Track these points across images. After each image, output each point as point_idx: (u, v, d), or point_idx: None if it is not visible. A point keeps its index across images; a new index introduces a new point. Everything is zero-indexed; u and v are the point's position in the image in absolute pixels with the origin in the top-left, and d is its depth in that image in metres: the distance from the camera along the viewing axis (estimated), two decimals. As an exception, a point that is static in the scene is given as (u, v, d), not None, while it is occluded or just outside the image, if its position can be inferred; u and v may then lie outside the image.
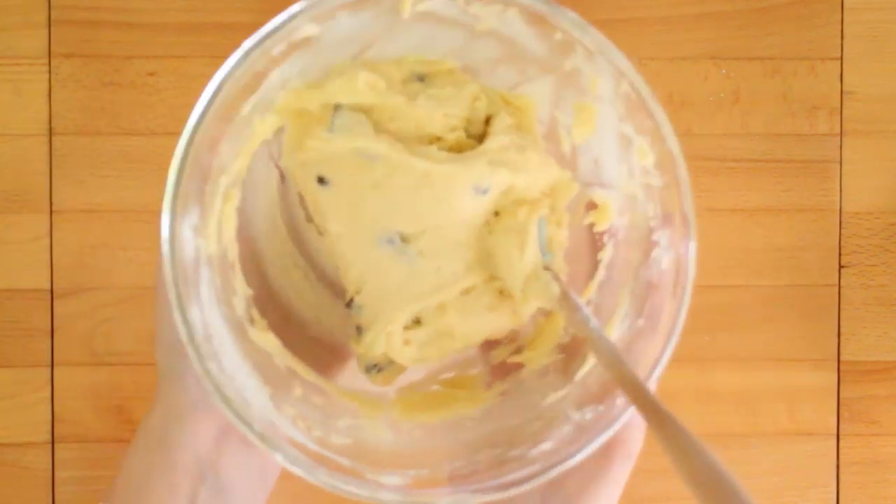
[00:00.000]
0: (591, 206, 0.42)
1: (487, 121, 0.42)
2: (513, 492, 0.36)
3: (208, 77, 0.36)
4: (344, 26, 0.37)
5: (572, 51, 0.38)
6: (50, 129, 0.59)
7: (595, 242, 0.43)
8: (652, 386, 0.37)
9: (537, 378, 0.43)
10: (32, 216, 0.58)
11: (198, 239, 0.37)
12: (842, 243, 0.61)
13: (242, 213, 0.41)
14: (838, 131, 0.61)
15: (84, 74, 0.58)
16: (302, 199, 0.44)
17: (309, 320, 0.46)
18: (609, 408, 0.37)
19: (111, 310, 0.59)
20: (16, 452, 0.59)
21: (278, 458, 0.35)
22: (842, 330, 0.61)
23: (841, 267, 0.61)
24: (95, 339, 0.59)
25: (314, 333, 0.46)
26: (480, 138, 0.42)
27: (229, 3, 0.59)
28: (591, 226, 0.42)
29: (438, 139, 0.41)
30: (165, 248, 0.35)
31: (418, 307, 0.41)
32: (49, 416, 0.59)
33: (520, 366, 0.44)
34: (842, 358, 0.61)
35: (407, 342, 0.42)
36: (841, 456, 0.61)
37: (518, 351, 0.44)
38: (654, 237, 0.39)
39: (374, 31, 0.39)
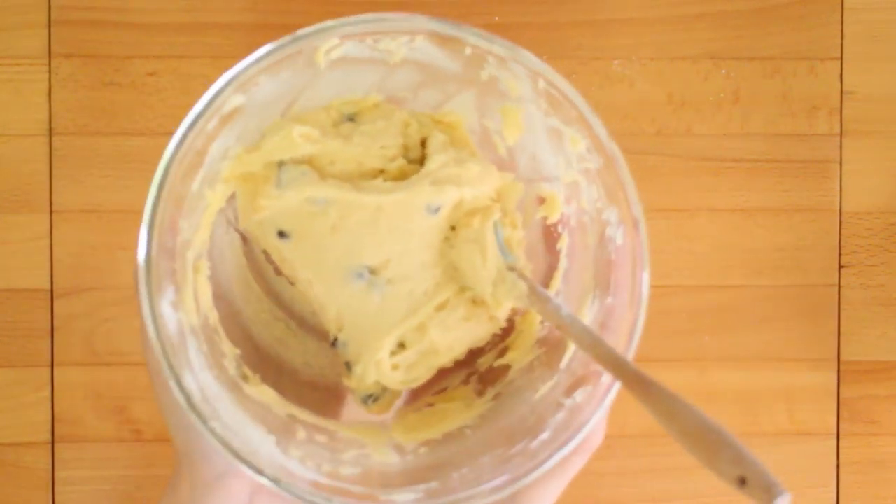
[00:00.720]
0: (540, 200, 0.44)
1: (423, 143, 0.44)
2: (519, 485, 0.37)
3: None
4: (267, 89, 0.39)
5: (485, 62, 0.40)
6: (50, 129, 0.59)
7: (552, 235, 0.44)
8: (630, 356, 0.38)
9: (525, 375, 0.44)
10: (32, 216, 0.59)
11: (178, 313, 0.38)
12: (842, 243, 0.61)
13: (214, 280, 0.42)
14: (838, 131, 0.61)
15: (84, 74, 0.58)
16: (267, 256, 0.45)
17: (299, 367, 0.48)
18: (596, 387, 0.39)
19: (111, 310, 0.59)
20: (16, 452, 0.59)
21: (294, 496, 0.37)
22: (842, 330, 0.61)
23: (841, 267, 0.61)
24: (95, 339, 0.59)
25: (307, 378, 0.47)
26: (421, 161, 0.43)
27: (229, 3, 0.59)
28: (544, 219, 0.44)
29: (382, 171, 0.43)
30: (149, 327, 0.36)
31: (399, 332, 0.43)
32: (49, 416, 0.59)
33: (507, 368, 0.45)
34: (842, 358, 0.61)
35: (395, 367, 0.43)
36: (841, 456, 0.62)
37: (502, 354, 0.46)
38: (604, 217, 0.40)
39: (297, 85, 0.41)
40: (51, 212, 0.59)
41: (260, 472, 0.36)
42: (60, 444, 0.59)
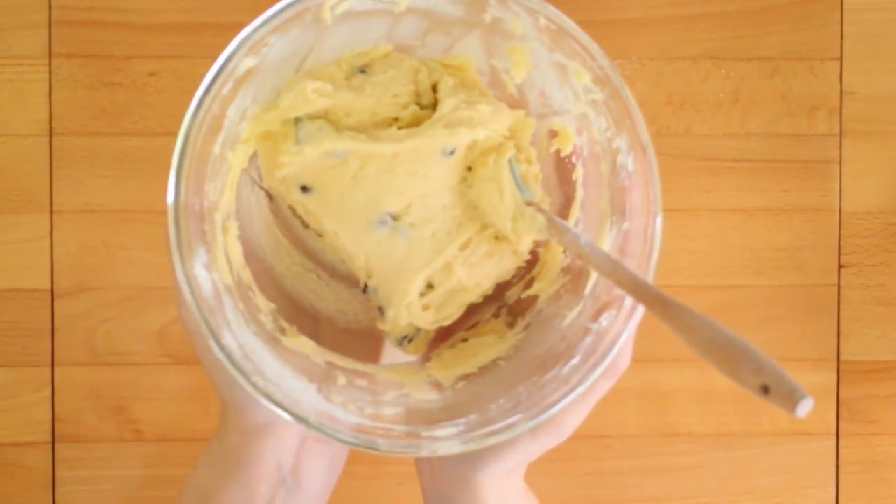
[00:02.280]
0: (553, 134, 0.45)
1: (434, 88, 0.45)
2: (555, 410, 0.39)
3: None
4: (278, 49, 0.40)
5: (486, 4, 0.41)
6: (50, 129, 0.58)
7: (566, 167, 0.45)
8: (649, 278, 0.39)
9: (552, 304, 0.45)
10: (32, 216, 0.58)
11: (212, 274, 0.39)
12: (841, 243, 0.61)
13: (244, 238, 0.43)
14: (838, 131, 0.61)
15: (84, 74, 0.58)
16: (293, 210, 0.46)
17: (335, 315, 0.49)
18: (620, 310, 0.40)
19: (111, 309, 0.59)
20: (16, 452, 0.59)
21: (339, 441, 0.38)
22: (841, 330, 0.61)
23: (840, 267, 0.61)
24: (96, 338, 0.59)
25: (343, 326, 0.49)
26: (433, 106, 0.44)
27: (229, 3, 0.59)
28: (558, 152, 0.45)
29: (396, 119, 0.44)
30: (185, 291, 0.37)
31: (426, 273, 0.44)
32: (49, 416, 0.59)
33: (535, 298, 0.46)
34: (841, 358, 0.62)
35: (426, 307, 0.45)
36: (841, 455, 0.62)
37: (529, 285, 0.47)
38: (615, 145, 0.42)
39: (306, 42, 0.42)
40: (51, 212, 0.58)
41: (304, 420, 0.38)
42: (61, 443, 0.59)
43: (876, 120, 0.61)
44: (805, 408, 0.30)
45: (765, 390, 0.31)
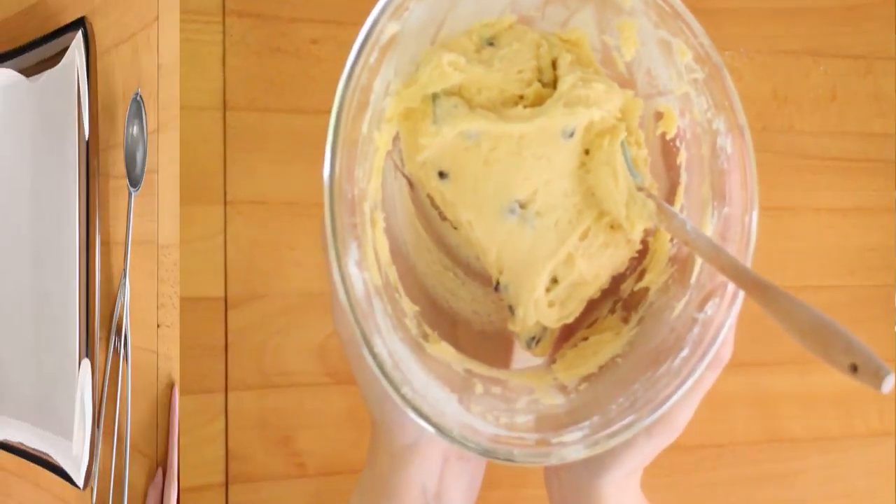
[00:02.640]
0: (658, 116, 0.45)
1: (553, 64, 0.44)
2: (670, 404, 0.39)
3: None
4: (417, 14, 0.39)
5: None
6: (224, 103, 0.52)
7: (670, 150, 0.45)
8: (748, 263, 0.40)
9: (662, 295, 0.45)
10: (208, 208, 0.52)
11: (363, 273, 0.38)
12: (931, 243, 0.62)
13: (389, 232, 0.42)
14: (927, 131, 0.62)
15: (254, 38, 0.52)
16: (432, 200, 0.45)
17: (470, 317, 0.48)
18: (723, 297, 0.40)
19: (278, 321, 0.53)
20: (193, 499, 0.51)
21: (479, 454, 0.38)
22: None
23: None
24: (265, 356, 0.53)
25: (478, 328, 0.48)
26: (553, 84, 0.44)
27: None
28: (663, 135, 0.45)
29: (521, 97, 0.43)
30: (340, 291, 0.36)
31: (551, 265, 0.43)
32: (223, 452, 0.52)
33: (646, 290, 0.46)
34: (935, 358, 0.62)
35: (551, 304, 0.44)
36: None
37: (641, 277, 0.46)
38: (714, 126, 0.42)
39: (442, 8, 0.42)
40: (224, 203, 0.52)
41: (448, 434, 0.37)
42: (234, 485, 0.52)
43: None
44: (889, 384, 0.32)
45: (854, 369, 0.32)
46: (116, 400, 0.60)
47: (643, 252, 0.46)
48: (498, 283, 0.44)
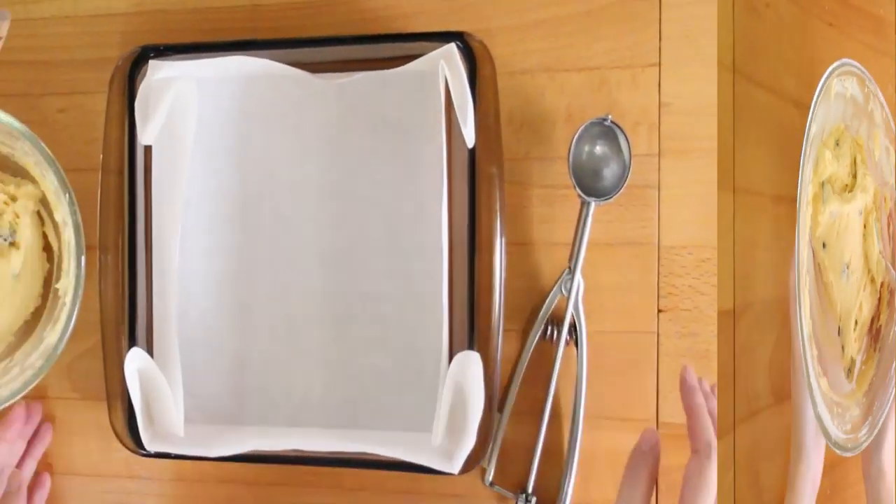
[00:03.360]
0: (883, 198, 0.55)
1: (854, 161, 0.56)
2: None
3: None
4: None
5: (876, 99, 0.55)
6: None
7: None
8: None
9: (886, 327, 0.56)
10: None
11: None
12: None
13: None
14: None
15: None
16: None
17: None
18: None
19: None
20: None
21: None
22: None
23: None
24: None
25: None
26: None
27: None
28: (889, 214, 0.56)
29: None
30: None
31: None
32: None
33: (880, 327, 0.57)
34: None
35: None
36: None
37: (878, 317, 0.57)
38: None
39: None
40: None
41: None
42: None
43: None
44: None
45: None
46: (551, 381, 0.59)
47: (880, 299, 0.56)
48: None
